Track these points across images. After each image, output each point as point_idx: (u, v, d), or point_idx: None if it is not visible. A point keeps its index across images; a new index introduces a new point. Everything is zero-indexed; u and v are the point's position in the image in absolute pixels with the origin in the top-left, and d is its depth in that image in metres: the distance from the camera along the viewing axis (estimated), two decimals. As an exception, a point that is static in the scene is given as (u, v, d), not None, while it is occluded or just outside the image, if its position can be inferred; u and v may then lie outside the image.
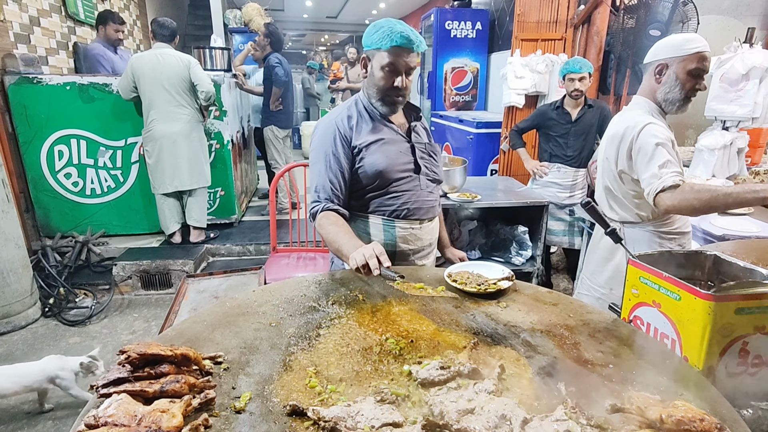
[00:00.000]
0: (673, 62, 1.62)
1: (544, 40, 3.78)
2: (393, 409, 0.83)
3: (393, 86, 1.45)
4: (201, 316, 1.21)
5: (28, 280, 3.00)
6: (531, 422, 0.77)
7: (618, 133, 1.69)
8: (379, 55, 1.43)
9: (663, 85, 1.65)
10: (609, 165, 1.75)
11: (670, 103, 1.66)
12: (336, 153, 1.48)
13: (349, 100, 1.60)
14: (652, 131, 1.58)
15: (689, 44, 1.59)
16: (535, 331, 1.13)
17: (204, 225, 3.86)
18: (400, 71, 1.43)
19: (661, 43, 1.68)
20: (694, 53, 1.58)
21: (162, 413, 0.71)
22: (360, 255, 1.27)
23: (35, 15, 3.90)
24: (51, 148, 3.64)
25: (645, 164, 1.57)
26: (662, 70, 1.65)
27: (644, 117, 1.64)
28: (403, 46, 1.40)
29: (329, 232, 1.44)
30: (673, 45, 1.62)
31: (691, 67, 1.59)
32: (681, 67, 1.60)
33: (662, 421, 0.70)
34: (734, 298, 0.90)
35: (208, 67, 4.21)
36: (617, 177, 1.73)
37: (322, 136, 1.51)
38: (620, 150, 1.67)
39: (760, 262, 1.51)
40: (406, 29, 1.40)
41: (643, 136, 1.58)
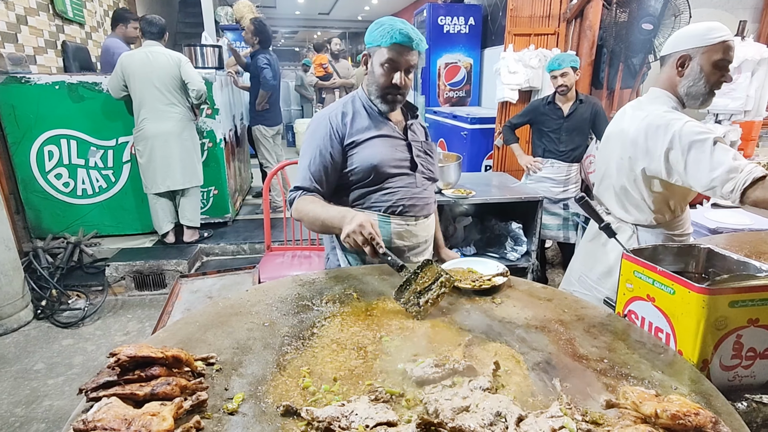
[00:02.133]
0: (696, 53, 1.47)
1: (537, 35, 3.78)
2: (387, 408, 0.83)
3: (392, 83, 1.45)
4: (193, 316, 1.19)
5: (20, 282, 2.97)
6: (526, 419, 0.77)
7: (641, 134, 1.52)
8: (379, 52, 1.44)
9: (686, 78, 1.51)
10: (631, 165, 1.59)
11: (693, 98, 1.53)
12: (323, 148, 1.47)
13: (347, 96, 1.61)
14: (695, 128, 1.41)
15: (714, 33, 1.44)
16: (530, 326, 1.12)
17: (197, 224, 3.84)
18: (400, 68, 1.43)
19: (682, 32, 1.54)
20: (719, 42, 1.44)
21: (152, 416, 0.70)
22: (352, 241, 1.28)
23: (22, 14, 3.84)
24: (41, 148, 3.60)
25: (708, 161, 1.36)
26: (685, 62, 1.50)
27: (673, 113, 1.50)
28: (403, 44, 1.40)
29: (309, 210, 1.44)
30: (697, 34, 1.47)
31: (716, 58, 1.45)
32: (705, 58, 1.46)
33: (657, 415, 0.70)
34: (728, 291, 0.90)
35: (199, 65, 4.18)
36: (640, 178, 1.57)
37: (314, 130, 1.51)
38: (651, 150, 1.49)
39: (753, 255, 1.52)
40: (407, 27, 1.40)
41: (688, 135, 1.40)
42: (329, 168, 1.49)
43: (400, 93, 1.49)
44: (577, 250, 1.97)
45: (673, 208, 1.61)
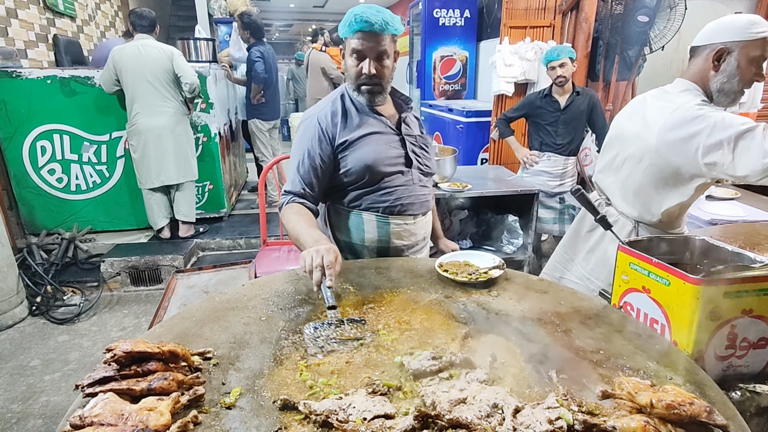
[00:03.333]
0: (735, 47, 1.38)
1: (532, 27, 3.76)
2: (385, 401, 0.83)
3: (362, 73, 1.39)
4: (190, 311, 1.19)
5: (14, 278, 2.95)
6: (523, 410, 0.77)
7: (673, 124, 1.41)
8: (347, 43, 1.40)
9: (721, 73, 1.41)
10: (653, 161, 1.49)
11: (725, 95, 1.44)
12: (312, 150, 1.43)
13: (334, 93, 1.54)
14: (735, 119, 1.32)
15: (756, 27, 1.36)
16: (527, 319, 1.13)
17: (193, 219, 3.82)
18: (366, 56, 1.37)
19: (719, 23, 1.43)
20: (762, 38, 1.35)
21: (149, 411, 0.70)
22: (309, 257, 1.16)
23: (12, 7, 3.78)
24: (33, 143, 3.57)
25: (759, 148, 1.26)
26: (722, 56, 1.40)
27: (708, 106, 1.41)
28: (364, 30, 1.34)
29: (290, 221, 1.39)
30: (738, 27, 1.37)
31: (755, 54, 1.37)
32: (744, 54, 1.37)
33: (652, 405, 0.71)
34: (722, 282, 0.90)
35: (192, 59, 4.14)
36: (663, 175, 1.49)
37: (303, 131, 1.46)
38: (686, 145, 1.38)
39: (747, 246, 1.53)
40: (368, 12, 1.33)
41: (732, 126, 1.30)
42: (318, 170, 1.45)
43: (374, 83, 1.41)
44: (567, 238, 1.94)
45: (683, 210, 1.56)
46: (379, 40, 1.36)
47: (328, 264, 1.14)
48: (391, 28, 1.36)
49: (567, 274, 1.88)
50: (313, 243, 1.25)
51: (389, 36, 1.38)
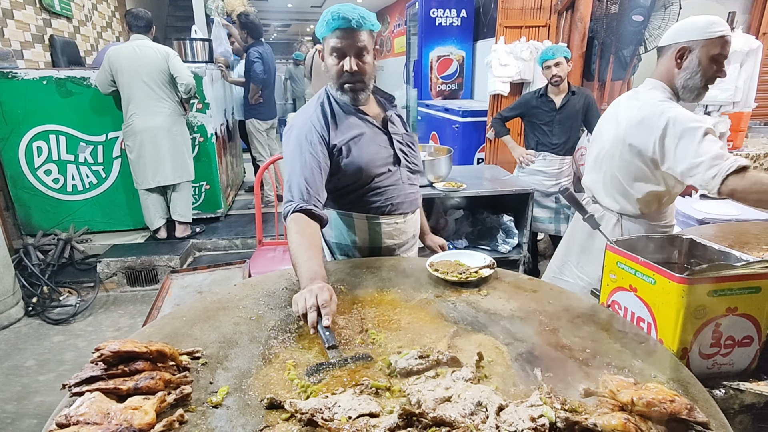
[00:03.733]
0: (696, 46, 1.48)
1: (528, 27, 3.77)
2: (370, 400, 0.83)
3: (343, 71, 1.38)
4: (181, 311, 1.20)
5: (10, 279, 2.95)
6: (506, 408, 0.78)
7: (635, 120, 1.54)
8: (325, 43, 1.39)
9: (684, 71, 1.52)
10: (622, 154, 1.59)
11: (689, 91, 1.54)
12: (313, 152, 1.39)
13: (317, 96, 1.52)
14: (689, 116, 1.44)
15: (714, 27, 1.45)
16: (515, 318, 1.14)
17: (189, 220, 3.82)
18: (346, 53, 1.36)
19: (682, 24, 1.53)
20: (719, 37, 1.45)
21: (134, 410, 0.70)
22: (302, 300, 1.07)
23: (8, 7, 3.78)
24: (29, 144, 3.56)
25: (695, 148, 1.38)
26: (684, 54, 1.50)
27: (669, 103, 1.51)
28: (342, 28, 1.33)
29: (292, 242, 1.27)
30: (698, 27, 1.48)
31: (714, 52, 1.46)
32: (704, 52, 1.47)
33: (633, 403, 0.71)
34: (707, 280, 0.91)
35: (189, 59, 4.14)
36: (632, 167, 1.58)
37: (298, 135, 1.42)
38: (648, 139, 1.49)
39: (737, 245, 1.54)
40: (344, 9, 1.32)
41: (682, 122, 1.42)
42: (323, 172, 1.39)
43: (356, 80, 1.40)
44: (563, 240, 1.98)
45: (662, 201, 1.63)
46: (357, 37, 1.34)
47: (323, 303, 1.04)
48: (369, 24, 1.35)
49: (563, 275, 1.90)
50: (308, 281, 1.13)
51: (367, 32, 1.36)
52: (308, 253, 1.22)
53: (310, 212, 1.33)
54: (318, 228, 1.35)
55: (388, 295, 1.27)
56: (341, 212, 1.54)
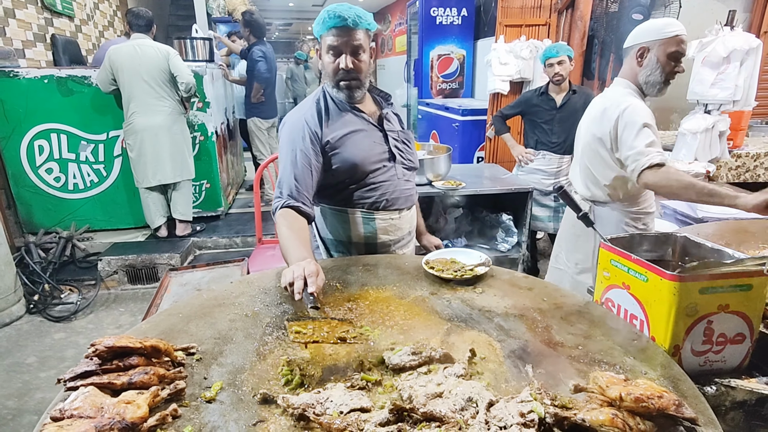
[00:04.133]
0: (653, 45, 1.66)
1: (528, 26, 3.77)
2: (362, 395, 0.84)
3: (339, 68, 1.39)
4: (177, 308, 1.20)
5: (11, 277, 2.97)
6: (497, 404, 0.79)
7: (599, 111, 1.74)
8: (322, 41, 1.41)
9: (644, 68, 1.69)
10: (591, 144, 1.79)
11: (651, 86, 1.70)
12: (304, 149, 1.41)
13: (314, 93, 1.55)
14: (638, 110, 1.63)
15: (669, 28, 1.63)
16: (509, 315, 1.14)
17: (190, 218, 3.84)
18: (342, 51, 1.37)
19: (641, 27, 1.71)
20: (674, 36, 1.62)
21: (127, 404, 0.71)
22: (290, 272, 1.11)
23: (10, 6, 3.80)
24: (31, 143, 3.59)
25: (631, 141, 1.60)
26: (643, 54, 1.68)
27: (627, 97, 1.69)
28: (338, 26, 1.35)
29: (282, 234, 1.31)
30: (654, 29, 1.66)
31: (670, 50, 1.63)
32: (661, 51, 1.64)
33: (621, 399, 0.72)
34: (698, 278, 0.91)
35: (189, 58, 4.15)
36: (598, 155, 1.77)
37: (290, 132, 1.45)
38: (605, 128, 1.70)
39: (733, 243, 1.54)
40: (340, 8, 1.34)
41: (629, 114, 1.62)
42: (313, 169, 1.43)
43: (352, 78, 1.42)
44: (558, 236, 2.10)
45: (628, 187, 1.77)
46: (353, 35, 1.36)
47: (309, 273, 1.09)
48: (365, 23, 1.38)
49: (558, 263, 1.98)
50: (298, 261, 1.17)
51: (363, 31, 1.38)
52: (297, 243, 1.28)
53: (298, 209, 1.38)
54: (306, 224, 1.39)
55: (384, 293, 1.28)
56: (337, 208, 1.55)
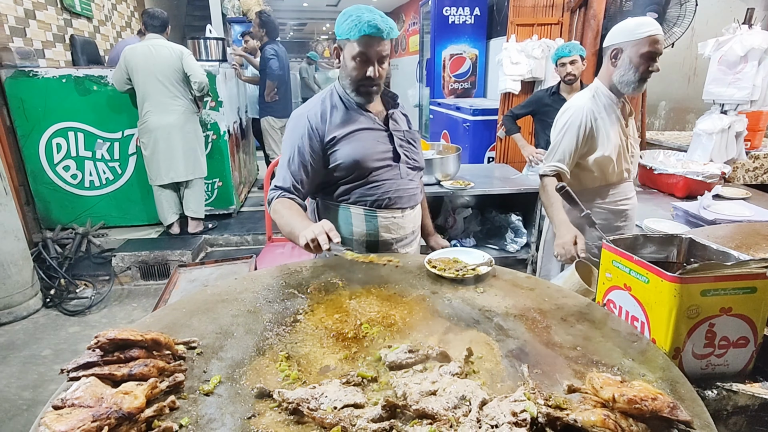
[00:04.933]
0: (626, 46, 1.67)
1: (540, 25, 3.73)
2: (357, 391, 0.85)
3: (366, 76, 1.42)
4: (181, 303, 1.23)
5: (29, 271, 3.05)
6: (490, 402, 0.79)
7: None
8: (349, 45, 1.41)
9: (618, 69, 1.71)
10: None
11: (626, 85, 1.72)
12: (302, 146, 1.45)
13: (323, 92, 1.58)
14: (570, 112, 1.75)
15: (641, 28, 1.64)
16: (509, 315, 1.14)
17: (202, 216, 3.89)
18: (372, 61, 1.40)
19: (616, 28, 1.73)
20: (646, 37, 1.63)
21: (125, 395, 0.73)
22: (309, 231, 1.24)
23: (30, 8, 3.91)
24: (49, 140, 3.68)
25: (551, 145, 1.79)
26: (617, 54, 1.71)
27: (578, 100, 1.79)
28: (372, 35, 1.37)
29: (282, 216, 1.42)
30: (627, 29, 1.68)
31: (643, 51, 1.64)
32: (634, 51, 1.65)
33: (614, 400, 0.71)
34: (700, 280, 0.90)
35: (203, 58, 4.21)
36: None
37: (293, 128, 1.49)
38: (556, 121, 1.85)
39: (743, 246, 1.51)
40: (374, 17, 1.36)
41: (563, 115, 1.78)
42: (308, 167, 1.48)
43: (374, 84, 1.46)
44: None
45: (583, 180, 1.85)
46: (384, 45, 1.40)
47: (328, 229, 1.23)
48: (395, 33, 1.41)
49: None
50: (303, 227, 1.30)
51: (390, 41, 1.43)
52: (300, 218, 1.40)
53: (293, 200, 1.48)
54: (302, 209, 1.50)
55: (385, 291, 1.29)
56: (340, 204, 1.57)
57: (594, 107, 1.77)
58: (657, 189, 2.87)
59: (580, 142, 1.75)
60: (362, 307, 1.20)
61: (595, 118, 1.76)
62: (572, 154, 1.75)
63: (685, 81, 4.35)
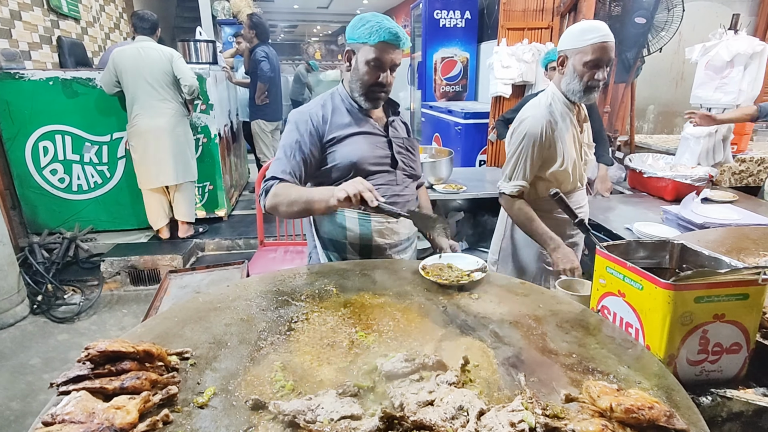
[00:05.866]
0: (571, 53, 1.60)
1: (530, 29, 3.76)
2: (354, 402, 0.84)
3: (377, 82, 1.45)
4: (173, 311, 1.21)
5: (15, 277, 2.99)
6: (487, 413, 0.78)
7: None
8: (365, 49, 1.42)
9: (565, 76, 1.65)
10: None
11: (572, 94, 1.66)
12: (303, 143, 1.46)
13: (326, 93, 1.59)
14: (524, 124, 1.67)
15: (586, 35, 1.55)
16: (504, 322, 1.14)
17: (192, 219, 3.86)
18: (386, 67, 1.43)
19: (566, 33, 1.66)
20: (589, 45, 1.54)
21: (117, 410, 0.72)
22: (351, 186, 1.24)
23: (16, 9, 3.84)
24: (36, 144, 3.62)
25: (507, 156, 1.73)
26: (563, 61, 1.64)
27: (530, 110, 1.71)
28: (389, 42, 1.40)
29: (291, 193, 1.39)
30: (571, 36, 1.60)
31: (587, 59, 1.55)
32: (578, 59, 1.58)
33: (612, 409, 0.71)
34: (693, 287, 0.91)
35: (193, 61, 4.18)
36: None
37: (294, 125, 1.49)
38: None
39: (734, 251, 1.53)
40: (394, 26, 1.41)
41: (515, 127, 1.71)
42: (308, 162, 1.49)
43: (384, 91, 1.49)
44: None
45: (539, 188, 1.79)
46: (398, 54, 1.44)
47: (369, 187, 1.25)
48: (408, 44, 1.46)
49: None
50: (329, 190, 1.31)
51: (402, 50, 1.46)
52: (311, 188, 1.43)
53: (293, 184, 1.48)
54: None
55: (380, 298, 1.28)
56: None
57: (550, 117, 1.69)
58: (646, 192, 2.90)
59: (537, 156, 1.68)
60: (357, 314, 1.19)
61: (552, 129, 1.68)
62: (532, 169, 1.69)
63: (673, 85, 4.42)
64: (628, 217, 2.37)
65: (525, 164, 1.67)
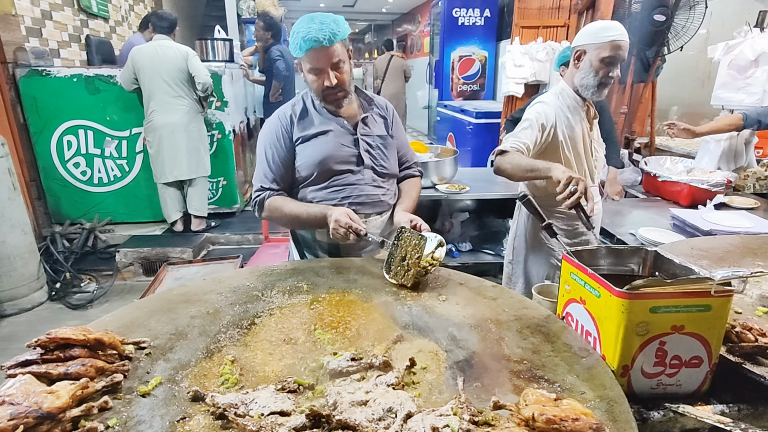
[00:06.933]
0: (589, 49, 1.68)
1: (545, 27, 3.67)
2: (288, 398, 0.85)
3: (324, 87, 1.42)
4: (144, 302, 1.25)
5: (35, 264, 3.14)
6: (415, 416, 0.77)
7: None
8: (302, 61, 1.43)
9: (580, 71, 1.72)
10: None
11: (585, 88, 1.73)
12: (276, 145, 1.50)
13: (300, 93, 1.61)
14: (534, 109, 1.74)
15: (605, 32, 1.64)
16: (464, 325, 1.12)
17: (204, 214, 3.95)
18: (324, 70, 1.40)
19: (583, 30, 1.74)
20: (608, 41, 1.62)
21: (49, 394, 0.74)
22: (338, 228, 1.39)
23: (47, 9, 4.02)
24: (60, 138, 3.79)
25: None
26: (580, 56, 1.72)
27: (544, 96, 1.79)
28: (315, 48, 1.35)
29: (291, 208, 1.50)
30: (590, 32, 1.68)
31: (604, 55, 1.64)
32: (595, 55, 1.66)
33: (534, 419, 0.69)
34: (648, 296, 0.87)
35: (209, 59, 4.27)
36: None
37: (267, 128, 1.53)
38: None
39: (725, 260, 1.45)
40: (311, 28, 1.34)
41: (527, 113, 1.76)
42: (282, 164, 1.52)
43: (338, 90, 1.45)
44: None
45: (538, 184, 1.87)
46: (331, 53, 1.38)
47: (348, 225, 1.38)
48: (339, 37, 1.37)
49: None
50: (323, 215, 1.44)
51: (339, 44, 1.39)
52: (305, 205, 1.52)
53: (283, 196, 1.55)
54: None
55: (348, 296, 1.28)
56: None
57: (560, 106, 1.77)
58: (661, 197, 2.79)
59: (543, 135, 1.72)
60: (321, 312, 1.20)
61: (559, 116, 1.75)
62: (534, 144, 1.70)
63: (698, 85, 4.22)
64: (636, 222, 2.28)
65: (527, 135, 1.71)
